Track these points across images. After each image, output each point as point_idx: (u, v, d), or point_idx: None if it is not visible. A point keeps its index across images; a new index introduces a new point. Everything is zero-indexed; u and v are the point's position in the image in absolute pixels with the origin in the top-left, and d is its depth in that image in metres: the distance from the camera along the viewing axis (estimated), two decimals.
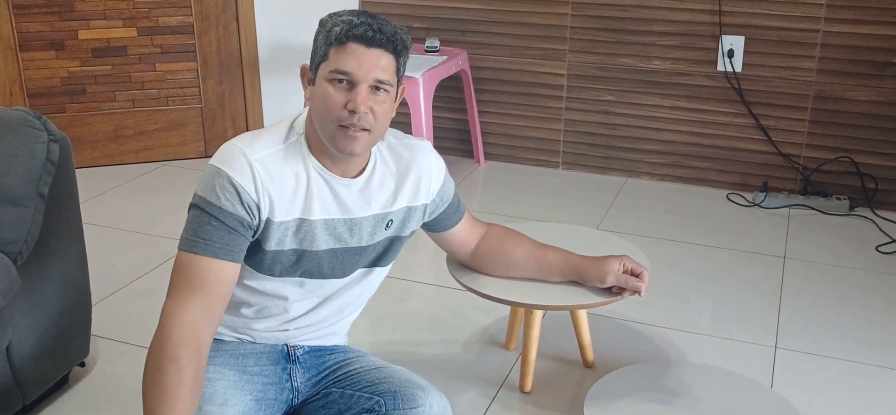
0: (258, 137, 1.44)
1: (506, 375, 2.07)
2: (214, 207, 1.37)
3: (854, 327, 2.30)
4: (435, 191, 1.62)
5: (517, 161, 3.55)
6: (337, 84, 1.38)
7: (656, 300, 2.43)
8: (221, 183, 1.37)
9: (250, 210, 1.39)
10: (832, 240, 2.85)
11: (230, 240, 1.38)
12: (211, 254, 1.37)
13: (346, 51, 1.37)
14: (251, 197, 1.38)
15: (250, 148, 1.40)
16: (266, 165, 1.40)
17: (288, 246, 1.45)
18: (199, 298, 1.35)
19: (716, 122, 3.24)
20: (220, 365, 1.51)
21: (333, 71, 1.38)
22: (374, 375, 1.55)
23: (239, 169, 1.38)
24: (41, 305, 1.82)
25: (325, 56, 1.39)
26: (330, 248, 1.49)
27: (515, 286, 1.85)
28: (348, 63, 1.37)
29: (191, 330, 1.33)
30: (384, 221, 1.54)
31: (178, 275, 1.37)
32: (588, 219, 3.00)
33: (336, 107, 1.38)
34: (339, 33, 1.37)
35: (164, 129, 3.47)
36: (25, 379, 1.81)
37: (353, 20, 1.38)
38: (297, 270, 1.49)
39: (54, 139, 1.78)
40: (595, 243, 2.08)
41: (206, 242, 1.37)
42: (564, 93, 3.39)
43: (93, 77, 3.34)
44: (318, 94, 1.40)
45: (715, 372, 2.00)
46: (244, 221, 1.39)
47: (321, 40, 1.40)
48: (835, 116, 3.09)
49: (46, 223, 1.78)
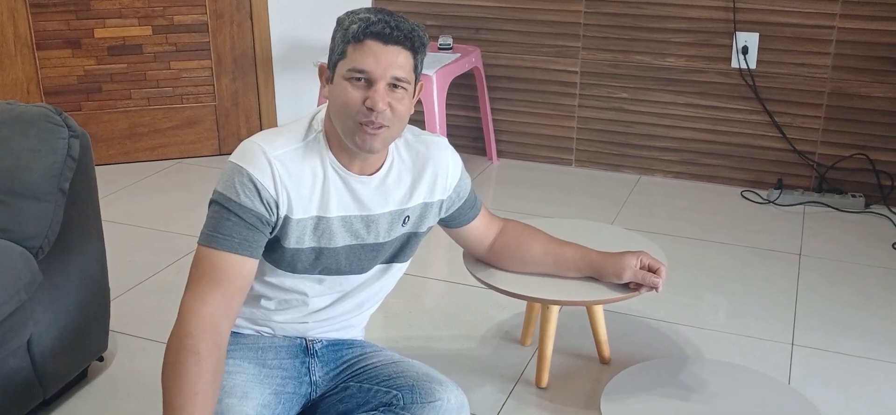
0: (278, 134, 1.44)
1: (522, 370, 2.07)
2: (234, 203, 1.38)
3: (871, 323, 2.30)
4: (451, 187, 1.62)
5: (530, 159, 3.55)
6: (355, 82, 1.39)
7: (672, 297, 2.42)
8: (241, 180, 1.38)
9: (269, 207, 1.40)
10: (848, 237, 2.84)
11: (249, 236, 1.39)
12: (229, 249, 1.38)
13: (363, 49, 1.38)
14: (270, 194, 1.39)
15: (270, 145, 1.41)
16: (285, 162, 1.41)
17: (307, 244, 1.46)
18: (218, 292, 1.37)
19: (730, 119, 3.23)
20: (239, 358, 1.52)
21: (352, 69, 1.38)
22: (392, 369, 1.56)
23: (259, 166, 1.39)
24: (61, 300, 1.83)
25: (342, 54, 1.40)
26: (347, 245, 1.50)
27: (532, 282, 1.85)
28: (366, 61, 1.38)
29: (210, 323, 1.35)
30: (401, 217, 1.55)
31: (196, 269, 1.39)
32: (601, 216, 3.00)
33: (355, 104, 1.39)
34: (357, 31, 1.38)
35: (178, 126, 3.49)
36: (46, 373, 1.82)
37: (371, 18, 1.38)
38: (317, 267, 1.50)
39: (75, 135, 1.80)
40: (609, 239, 2.07)
41: (224, 237, 1.38)
42: (578, 90, 3.39)
43: (108, 75, 3.36)
44: (336, 93, 1.41)
45: (732, 368, 1.99)
46: (263, 218, 1.40)
47: (339, 39, 1.41)
48: (850, 112, 3.08)
49: (67, 218, 1.80)
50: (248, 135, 3.57)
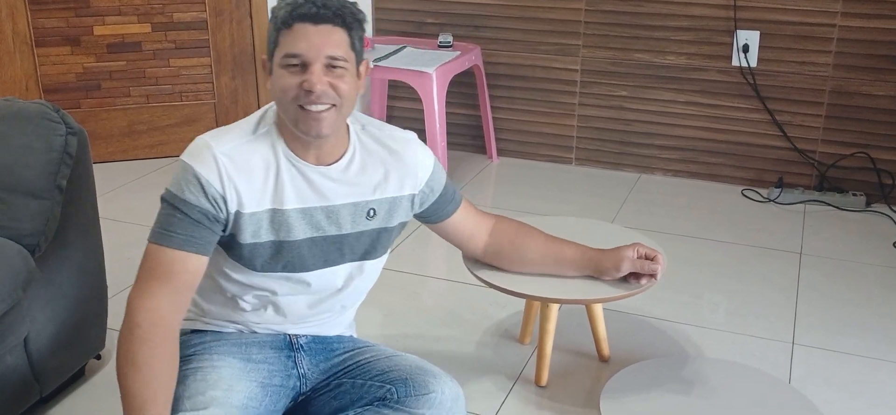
0: (227, 130, 1.44)
1: (521, 369, 2.06)
2: (179, 199, 1.39)
3: (872, 322, 2.29)
4: (423, 180, 1.59)
5: (530, 157, 3.55)
6: (291, 68, 1.37)
7: (671, 296, 2.42)
8: (187, 177, 1.39)
9: (215, 203, 1.39)
10: (849, 236, 2.83)
11: (195, 233, 1.39)
12: (175, 246, 1.38)
13: (293, 33, 1.35)
14: (216, 190, 1.39)
15: (217, 141, 1.41)
16: (232, 157, 1.40)
17: (264, 238, 1.45)
18: (165, 288, 1.37)
19: (731, 117, 3.22)
20: (223, 354, 1.52)
21: (286, 55, 1.36)
22: (385, 363, 1.55)
23: (204, 162, 1.39)
24: (59, 298, 1.82)
25: (276, 43, 1.38)
26: (308, 237, 1.48)
27: (531, 280, 1.85)
28: (298, 45, 1.36)
29: (158, 315, 1.36)
30: (365, 209, 1.51)
31: (144, 266, 1.40)
32: (601, 215, 2.99)
33: (292, 89, 1.37)
34: (285, 16, 1.36)
35: (177, 124, 3.48)
36: (43, 370, 1.81)
37: (298, 1, 1.36)
38: (278, 262, 1.47)
39: (72, 132, 1.79)
40: (609, 237, 2.07)
41: (171, 234, 1.38)
42: (578, 88, 3.39)
43: (108, 73, 3.35)
44: (275, 82, 1.40)
45: (732, 367, 1.99)
46: (209, 214, 1.39)
47: (271, 28, 1.39)
48: (851, 111, 3.07)
49: (64, 216, 1.79)
50: None
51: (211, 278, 1.54)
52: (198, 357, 1.51)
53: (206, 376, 1.45)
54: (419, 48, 3.34)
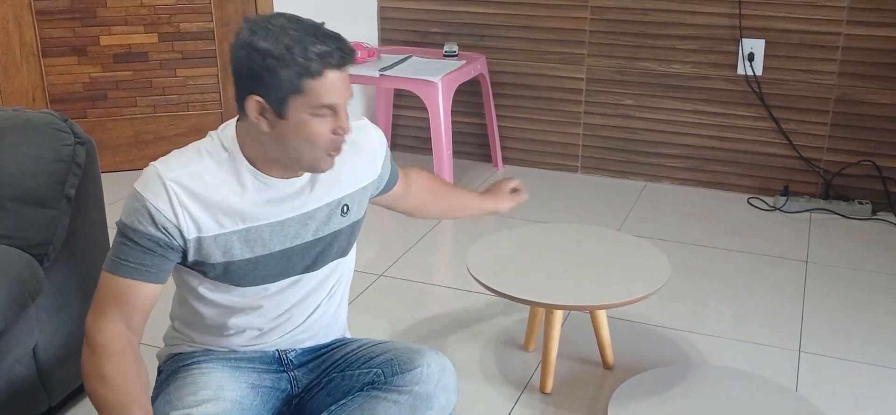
0: (179, 156, 1.41)
1: (529, 377, 2.06)
2: (130, 229, 1.38)
3: (879, 330, 2.28)
4: (379, 163, 1.61)
5: (536, 165, 3.55)
6: (322, 117, 1.36)
7: (678, 304, 2.42)
8: (136, 207, 1.37)
9: (166, 231, 1.38)
10: (855, 244, 2.82)
11: (146, 261, 1.38)
12: (126, 274, 1.38)
13: (325, 82, 1.33)
14: (166, 218, 1.37)
15: (167, 167, 1.38)
16: (183, 183, 1.38)
17: (238, 256, 1.44)
18: (119, 313, 1.39)
19: (736, 126, 3.22)
20: (211, 362, 1.52)
21: (320, 106, 1.34)
22: (371, 351, 1.56)
23: (153, 191, 1.37)
24: (67, 307, 1.83)
25: (298, 90, 1.32)
26: (285, 248, 1.47)
27: (535, 287, 1.85)
28: (334, 94, 1.34)
29: (116, 333, 1.37)
30: (339, 206, 1.52)
31: (99, 291, 1.40)
32: (607, 223, 2.99)
33: (325, 137, 1.37)
34: (316, 67, 1.32)
35: (184, 134, 3.49)
36: (51, 379, 1.82)
37: (323, 49, 1.32)
38: (257, 277, 1.47)
39: (80, 142, 1.80)
40: (616, 246, 2.07)
41: (122, 262, 1.38)
42: (583, 97, 3.39)
43: (114, 83, 3.37)
44: (297, 129, 1.35)
45: (740, 376, 1.98)
46: (160, 242, 1.38)
47: (290, 74, 1.32)
48: (856, 119, 3.07)
49: (72, 225, 1.79)
50: None
51: (191, 310, 1.53)
52: (185, 369, 1.52)
53: (196, 380, 1.46)
54: (425, 57, 3.35)
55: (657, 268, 1.95)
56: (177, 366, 1.54)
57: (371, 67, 3.18)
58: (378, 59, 3.33)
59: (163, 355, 1.62)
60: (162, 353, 1.63)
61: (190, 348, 1.58)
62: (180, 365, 1.54)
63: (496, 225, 2.99)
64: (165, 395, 1.47)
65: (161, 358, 1.62)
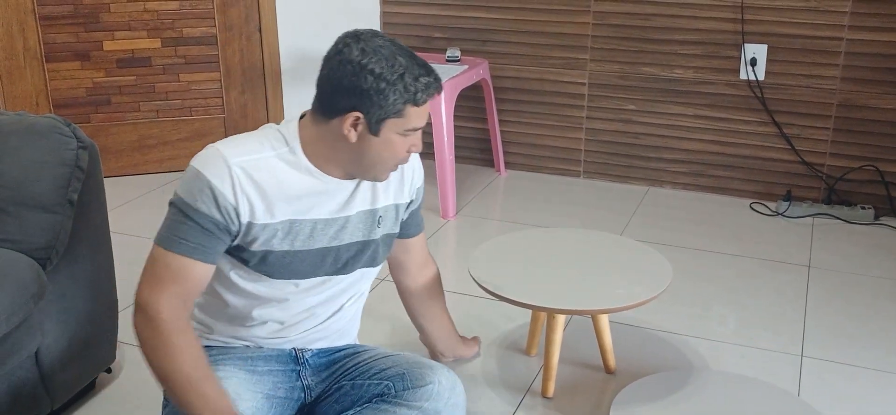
0: (242, 141, 1.44)
1: (530, 382, 2.06)
2: (191, 208, 1.39)
3: (882, 336, 2.28)
4: (415, 188, 1.66)
5: (538, 170, 3.55)
6: (405, 136, 1.46)
7: (680, 308, 2.41)
8: (200, 186, 1.39)
9: (227, 213, 1.40)
10: (857, 249, 2.82)
11: (204, 241, 1.40)
12: (184, 252, 1.40)
13: (422, 110, 1.45)
14: (228, 201, 1.40)
15: (231, 152, 1.41)
16: (246, 169, 1.41)
17: (277, 247, 1.46)
18: (172, 289, 1.40)
19: (738, 130, 3.22)
20: (228, 365, 1.53)
21: (411, 129, 1.45)
22: (382, 362, 1.57)
23: (218, 173, 1.39)
24: (70, 311, 1.83)
25: (399, 113, 1.42)
26: (324, 247, 1.50)
27: (536, 290, 1.85)
28: (423, 120, 1.46)
29: (178, 310, 1.40)
30: (375, 217, 1.56)
31: (152, 267, 1.41)
32: (610, 228, 2.99)
33: (402, 154, 1.47)
34: (423, 98, 1.43)
35: (187, 139, 3.50)
36: (54, 384, 1.82)
37: (430, 81, 1.43)
38: (289, 270, 1.49)
39: (83, 146, 1.80)
40: (618, 252, 2.07)
41: (181, 240, 1.40)
42: (585, 102, 3.39)
43: (117, 87, 3.38)
44: (382, 146, 1.44)
45: (742, 381, 1.98)
46: (219, 224, 1.41)
47: (396, 99, 1.40)
48: (859, 124, 3.07)
49: (75, 230, 1.80)
50: None
51: (217, 296, 1.54)
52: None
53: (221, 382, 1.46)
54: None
55: (659, 272, 1.95)
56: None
57: None
58: None
59: None
60: None
61: (206, 343, 1.57)
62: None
63: (498, 230, 2.99)
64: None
65: None
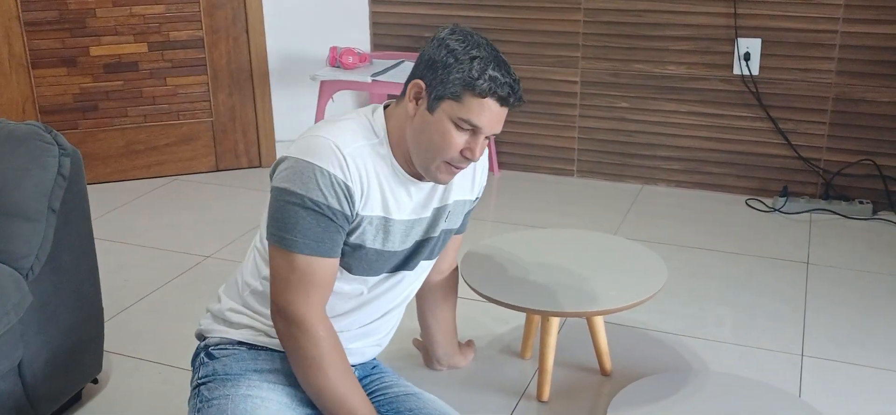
0: (343, 130, 1.41)
1: (525, 385, 2.02)
2: (323, 206, 1.36)
3: (882, 332, 2.25)
4: (481, 187, 1.65)
5: (532, 170, 3.52)
6: (462, 130, 1.39)
7: (676, 308, 2.38)
8: (325, 181, 1.36)
9: (352, 204, 1.39)
10: (856, 245, 2.79)
11: (339, 238, 1.40)
12: (322, 254, 1.38)
13: (483, 105, 1.37)
14: (352, 192, 1.39)
15: (341, 142, 1.39)
16: (356, 159, 1.40)
17: (369, 244, 1.45)
18: (322, 297, 1.40)
19: (733, 126, 3.19)
20: (272, 382, 1.47)
21: (466, 120, 1.38)
22: (412, 402, 1.54)
23: (338, 165, 1.37)
24: (53, 321, 1.80)
25: (457, 97, 1.37)
26: (405, 248, 1.50)
27: (530, 294, 1.82)
28: (482, 118, 1.38)
29: (326, 320, 1.42)
30: (445, 212, 1.55)
31: (292, 273, 1.38)
32: (604, 226, 2.96)
33: (454, 149, 1.40)
34: (485, 89, 1.37)
35: (175, 143, 3.46)
36: (37, 395, 1.78)
37: (499, 78, 1.37)
38: (372, 269, 1.49)
39: (65, 153, 1.77)
40: (612, 251, 2.04)
41: (318, 243, 1.37)
42: (578, 100, 3.36)
43: (105, 93, 3.33)
44: (436, 129, 1.39)
45: (741, 382, 1.95)
46: (348, 217, 1.40)
47: (457, 79, 1.37)
48: (855, 118, 3.04)
49: (58, 238, 1.77)
50: (246, 150, 3.54)
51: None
52: (246, 381, 1.46)
53: (256, 409, 1.42)
54: None
55: (654, 272, 1.92)
56: (238, 369, 1.47)
57: (363, 73, 3.16)
58: (370, 65, 3.30)
59: (216, 334, 1.53)
60: (214, 330, 1.54)
61: (254, 340, 1.50)
62: (241, 371, 1.47)
63: (491, 231, 2.95)
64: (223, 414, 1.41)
65: (211, 337, 1.53)
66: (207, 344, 1.54)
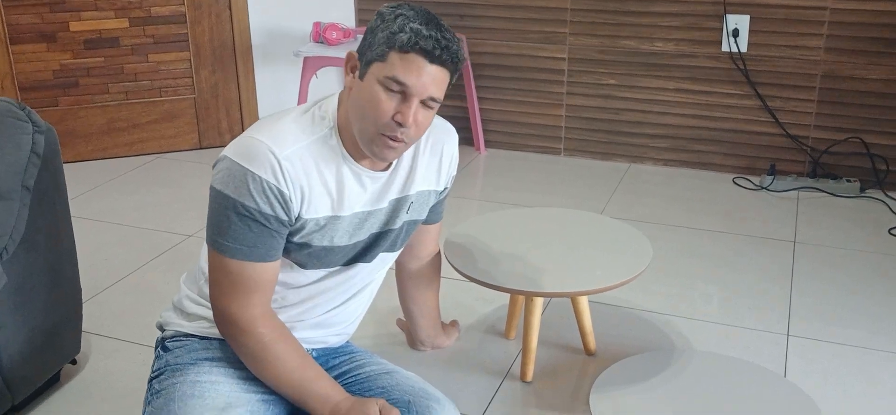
0: (282, 130, 1.35)
1: (509, 366, 2.01)
2: (254, 211, 1.32)
3: (868, 311, 2.24)
4: (451, 176, 1.59)
5: (518, 148, 3.49)
6: (390, 92, 1.32)
7: (662, 288, 2.37)
8: (257, 187, 1.31)
9: (287, 210, 1.35)
10: (843, 223, 2.78)
11: (271, 243, 1.36)
12: (256, 259, 1.35)
13: (407, 61, 1.30)
14: (287, 198, 1.34)
15: (278, 145, 1.33)
16: (294, 162, 1.34)
17: (316, 243, 1.41)
18: (262, 298, 1.38)
19: (721, 104, 3.17)
20: (224, 366, 1.45)
21: (391, 78, 1.31)
22: (385, 380, 1.51)
23: (271, 170, 1.31)
24: (30, 303, 1.76)
25: (382, 57, 1.31)
26: (358, 240, 1.46)
27: (514, 274, 1.80)
28: (409, 76, 1.30)
29: (274, 320, 1.40)
30: (406, 203, 1.50)
31: (226, 278, 1.35)
32: (591, 205, 2.94)
33: (384, 115, 1.32)
34: (405, 42, 1.29)
35: (157, 121, 3.41)
36: (15, 378, 1.76)
37: (422, 30, 1.30)
38: (322, 262, 1.45)
39: (39, 130, 1.73)
40: (598, 230, 2.02)
41: (250, 248, 1.34)
42: (565, 77, 3.33)
43: (85, 69, 3.28)
44: (365, 95, 1.33)
45: (726, 361, 1.94)
46: (283, 222, 1.35)
47: (382, 38, 1.31)
48: (844, 95, 3.02)
49: (33, 217, 1.73)
50: (229, 128, 3.50)
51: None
52: (196, 369, 1.44)
53: (204, 392, 1.39)
54: None
55: (639, 251, 1.90)
56: (189, 358, 1.45)
57: (347, 48, 3.11)
58: (354, 40, 3.26)
59: (172, 327, 1.51)
60: (171, 323, 1.52)
61: (207, 332, 1.48)
62: (193, 359, 1.45)
63: (478, 210, 2.93)
64: (169, 403, 1.39)
65: (167, 330, 1.52)
66: (164, 337, 1.52)
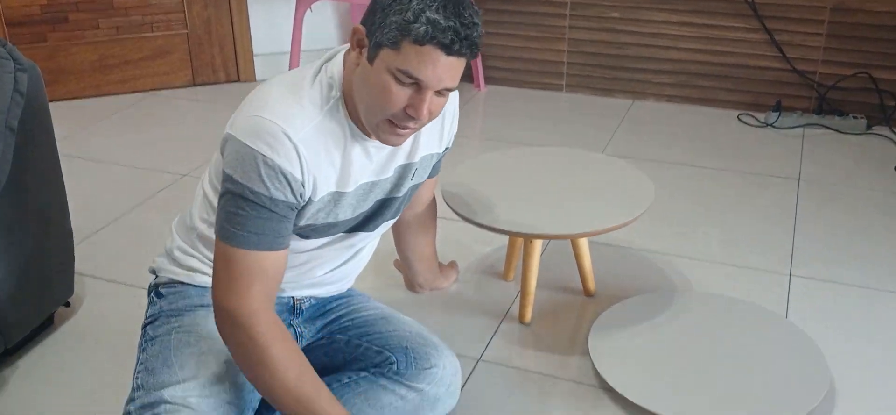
0: (294, 108, 1.26)
1: (507, 307, 1.99)
2: (265, 198, 1.24)
3: (872, 251, 2.21)
4: (451, 137, 1.50)
5: (519, 85, 3.42)
6: (402, 84, 1.21)
7: (663, 227, 2.33)
8: (270, 173, 1.23)
9: (300, 196, 1.28)
10: (848, 161, 2.73)
11: (282, 229, 1.28)
12: (266, 247, 1.26)
13: (423, 54, 1.18)
14: (300, 184, 1.26)
15: (292, 127, 1.24)
16: (308, 145, 1.26)
17: (321, 220, 1.36)
18: (264, 290, 1.28)
19: (727, 38, 3.09)
20: (210, 316, 1.42)
21: (404, 72, 1.19)
22: (382, 326, 1.48)
23: (286, 155, 1.23)
24: (19, 246, 1.74)
25: (395, 44, 1.19)
26: (362, 211, 1.40)
27: (513, 216, 1.76)
28: (424, 70, 1.19)
29: (272, 316, 1.28)
30: (411, 171, 1.43)
31: (231, 269, 1.26)
32: (593, 143, 2.89)
33: (395, 106, 1.22)
34: (422, 35, 1.17)
35: (149, 57, 3.34)
36: (6, 322, 1.74)
37: (440, 21, 1.17)
38: (326, 233, 1.40)
39: (22, 68, 1.68)
40: (600, 170, 1.97)
41: (260, 236, 1.25)
42: (568, 11, 3.24)
43: (74, 4, 3.20)
44: (374, 81, 1.22)
45: (727, 302, 1.91)
46: (294, 207, 1.28)
47: (394, 23, 1.19)
48: (852, 29, 2.94)
49: (20, 159, 1.69)
50: (223, 65, 3.43)
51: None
52: (191, 316, 1.40)
53: (199, 340, 1.36)
54: None
55: (640, 192, 1.86)
56: (179, 305, 1.42)
57: None
58: None
59: (165, 274, 1.47)
60: (164, 269, 1.48)
61: (202, 282, 1.44)
62: (183, 305, 1.42)
63: (478, 149, 2.88)
64: (164, 350, 1.36)
65: (161, 275, 1.48)
66: (158, 283, 1.48)
